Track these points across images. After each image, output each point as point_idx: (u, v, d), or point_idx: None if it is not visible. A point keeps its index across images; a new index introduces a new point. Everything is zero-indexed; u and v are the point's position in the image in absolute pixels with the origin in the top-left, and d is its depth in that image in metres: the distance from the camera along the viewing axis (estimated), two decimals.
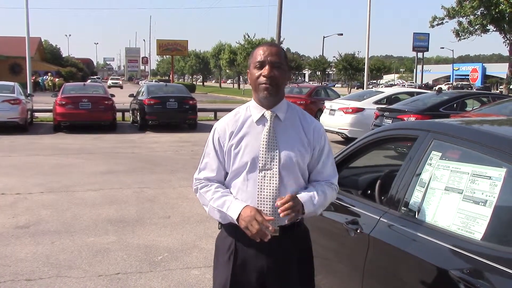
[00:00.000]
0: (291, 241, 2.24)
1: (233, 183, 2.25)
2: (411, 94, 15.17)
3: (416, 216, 2.43)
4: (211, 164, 2.29)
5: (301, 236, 2.31)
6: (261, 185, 2.18)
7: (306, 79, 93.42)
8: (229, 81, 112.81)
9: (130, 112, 19.39)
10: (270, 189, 2.17)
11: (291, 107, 2.32)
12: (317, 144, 2.30)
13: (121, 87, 62.38)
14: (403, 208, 2.54)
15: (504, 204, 2.10)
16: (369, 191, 3.28)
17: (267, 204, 2.16)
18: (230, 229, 2.25)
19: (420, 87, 47.89)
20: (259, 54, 2.19)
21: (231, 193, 2.25)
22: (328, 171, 2.33)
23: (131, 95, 19.72)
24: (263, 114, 2.24)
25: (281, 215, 2.06)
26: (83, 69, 70.32)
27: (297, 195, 2.15)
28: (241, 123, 2.25)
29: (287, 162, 2.19)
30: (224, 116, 2.35)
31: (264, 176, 2.18)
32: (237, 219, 2.12)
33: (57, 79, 48.24)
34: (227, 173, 2.29)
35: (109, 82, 67.25)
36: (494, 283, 1.88)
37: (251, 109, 2.28)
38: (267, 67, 2.16)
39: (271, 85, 2.17)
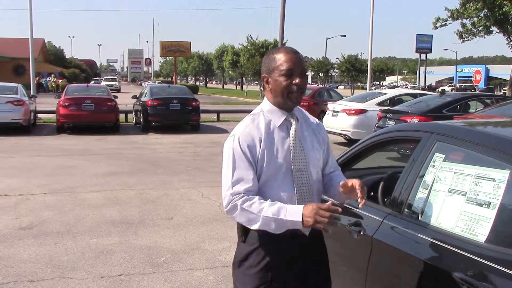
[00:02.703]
0: (318, 239, 2.35)
1: (266, 187, 2.21)
2: (414, 95, 15.15)
3: (420, 218, 2.42)
4: (247, 174, 2.16)
5: (320, 235, 2.37)
6: (298, 186, 2.23)
7: (309, 81, 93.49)
8: (214, 82, 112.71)
9: (133, 113, 19.42)
10: (306, 189, 2.25)
11: (298, 108, 2.37)
12: (326, 140, 2.46)
13: (117, 89, 48.69)
14: (406, 210, 2.53)
15: (507, 206, 2.09)
16: (372, 193, 3.27)
17: (305, 202, 2.19)
18: (262, 239, 2.21)
19: (423, 89, 47.83)
20: (287, 61, 2.20)
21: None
22: (335, 162, 2.52)
23: (134, 97, 19.75)
24: (285, 118, 2.27)
25: (361, 203, 2.14)
26: (87, 71, 70.28)
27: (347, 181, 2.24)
28: (265, 128, 2.23)
29: (314, 161, 2.31)
30: (240, 124, 2.28)
31: (299, 177, 2.24)
32: (302, 221, 2.07)
33: (60, 81, 48.30)
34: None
35: (103, 84, 42.84)
36: (498, 285, 1.88)
37: (269, 114, 2.28)
38: (298, 77, 2.20)
39: (301, 93, 2.25)
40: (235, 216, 2.18)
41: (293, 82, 2.20)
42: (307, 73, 2.40)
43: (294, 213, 2.06)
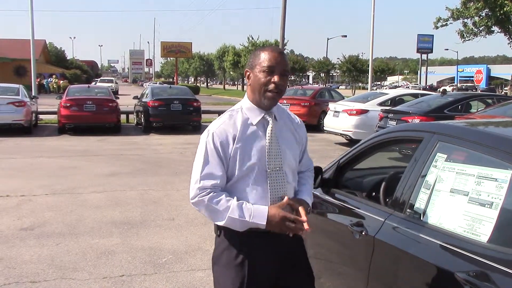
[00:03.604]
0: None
1: (238, 186, 2.23)
2: (415, 95, 15.15)
3: (421, 218, 2.42)
4: (215, 170, 2.19)
5: None
6: (272, 185, 2.24)
7: (310, 81, 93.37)
8: (217, 83, 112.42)
9: (135, 114, 19.44)
10: (280, 188, 2.25)
11: (278, 107, 2.38)
12: (303, 140, 2.48)
13: (114, 91, 38.27)
14: (408, 210, 2.53)
15: (510, 206, 2.09)
16: (374, 193, 3.27)
17: (278, 202, 2.23)
18: (236, 234, 2.22)
19: (424, 89, 47.81)
20: (269, 59, 2.22)
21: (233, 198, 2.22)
22: (308, 160, 2.54)
23: (135, 97, 19.76)
24: (263, 116, 2.27)
25: (306, 229, 2.17)
26: (88, 72, 70.36)
27: (301, 197, 2.33)
28: (241, 125, 2.24)
29: (290, 161, 2.32)
30: (217, 120, 2.30)
31: (273, 176, 2.24)
32: (265, 224, 2.15)
33: (61, 81, 48.35)
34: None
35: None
36: (501, 285, 1.87)
37: (247, 111, 2.29)
38: (278, 75, 2.22)
39: (279, 92, 2.25)
40: (200, 210, 2.23)
41: (272, 79, 2.21)
42: (306, 73, 2.42)
43: (259, 217, 2.14)
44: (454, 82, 79.81)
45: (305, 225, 2.15)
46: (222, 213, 2.15)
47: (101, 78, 62.41)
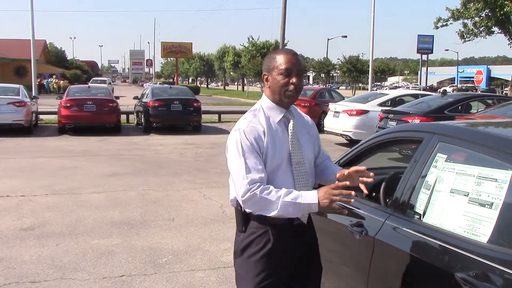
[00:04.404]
0: (311, 229, 2.54)
1: (270, 178, 2.34)
2: (415, 96, 15.15)
3: (422, 219, 2.42)
4: (257, 164, 2.28)
5: (312, 226, 2.57)
6: (296, 177, 2.39)
7: (311, 81, 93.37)
8: (219, 83, 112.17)
9: (135, 114, 19.43)
10: (303, 180, 2.41)
11: (292, 107, 2.52)
12: (317, 136, 2.66)
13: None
14: (408, 210, 2.53)
15: (510, 206, 2.09)
16: (374, 194, 3.27)
17: None
18: (263, 226, 2.35)
19: (424, 89, 47.80)
20: (285, 62, 2.36)
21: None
22: (324, 152, 2.73)
23: (135, 97, 19.76)
24: (283, 115, 2.43)
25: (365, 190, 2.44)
26: (88, 72, 70.34)
27: (334, 169, 2.57)
28: (266, 123, 2.37)
29: (309, 156, 2.50)
30: (242, 119, 2.40)
31: (297, 169, 2.40)
32: (318, 202, 2.23)
33: (62, 82, 48.34)
34: None
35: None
36: (500, 286, 1.87)
37: (268, 111, 2.43)
38: (295, 76, 2.37)
39: (297, 92, 2.40)
40: (251, 206, 2.29)
41: (290, 81, 2.36)
42: (306, 74, 2.50)
43: (310, 197, 2.23)
44: (454, 83, 79.77)
45: (352, 193, 2.22)
46: (275, 202, 2.23)
47: (93, 78, 52.15)
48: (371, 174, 2.41)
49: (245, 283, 2.38)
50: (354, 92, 46.77)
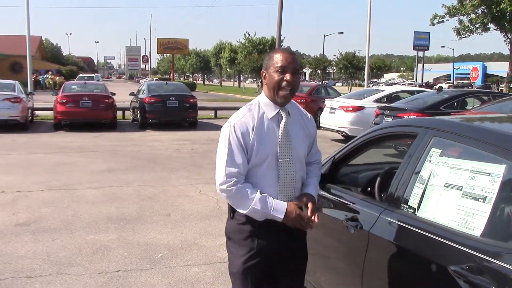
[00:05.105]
0: None
1: (252, 172, 2.48)
2: (411, 92, 15.17)
3: (416, 213, 2.43)
4: (238, 158, 2.43)
5: None
6: (281, 174, 2.50)
7: (307, 78, 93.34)
8: (215, 80, 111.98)
9: (131, 110, 19.39)
10: (288, 177, 2.51)
11: (291, 103, 2.61)
12: (313, 134, 2.73)
13: None
14: (402, 205, 2.54)
15: (503, 200, 2.10)
16: (369, 188, 3.28)
17: (286, 189, 2.52)
18: (248, 217, 2.48)
19: (420, 86, 47.86)
20: (281, 60, 2.47)
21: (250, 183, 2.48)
22: (317, 151, 2.80)
23: (131, 94, 19.73)
24: (277, 112, 2.51)
25: (316, 221, 2.48)
26: (84, 68, 70.10)
27: (308, 191, 2.58)
28: (258, 119, 2.48)
29: (299, 154, 2.57)
30: (237, 113, 2.53)
31: (283, 166, 2.50)
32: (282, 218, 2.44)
33: (57, 78, 48.20)
34: None
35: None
36: (494, 279, 1.88)
37: (264, 107, 2.53)
38: (289, 74, 2.47)
39: (291, 89, 2.49)
40: (225, 196, 2.48)
41: (284, 78, 2.46)
42: (302, 71, 2.56)
43: (278, 211, 2.43)
44: (450, 79, 79.91)
45: (314, 222, 2.48)
46: (246, 204, 2.42)
47: (80, 75, 44.38)
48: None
49: (234, 262, 2.55)
50: (350, 89, 46.79)
